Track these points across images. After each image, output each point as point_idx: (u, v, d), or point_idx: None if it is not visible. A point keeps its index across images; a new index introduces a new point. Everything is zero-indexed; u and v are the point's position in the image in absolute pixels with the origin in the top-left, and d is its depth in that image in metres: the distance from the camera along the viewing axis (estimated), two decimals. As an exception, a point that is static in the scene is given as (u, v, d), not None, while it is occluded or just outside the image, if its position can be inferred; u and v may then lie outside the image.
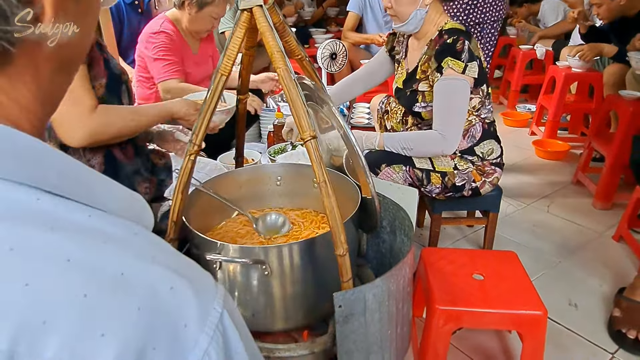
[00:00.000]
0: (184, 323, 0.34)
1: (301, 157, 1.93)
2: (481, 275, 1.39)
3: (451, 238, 2.24)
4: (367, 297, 0.98)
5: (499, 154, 1.77)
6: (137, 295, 0.33)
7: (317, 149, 0.89)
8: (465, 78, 1.60)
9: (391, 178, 1.67)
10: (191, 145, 0.99)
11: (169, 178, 1.52)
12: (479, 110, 1.71)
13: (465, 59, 1.58)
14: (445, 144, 1.64)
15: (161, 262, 0.36)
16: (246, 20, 0.94)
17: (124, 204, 0.41)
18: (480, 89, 1.67)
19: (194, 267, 0.40)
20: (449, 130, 1.63)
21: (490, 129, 1.75)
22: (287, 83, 0.90)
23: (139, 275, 0.34)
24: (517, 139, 3.43)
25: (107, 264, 0.34)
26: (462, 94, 1.62)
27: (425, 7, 1.65)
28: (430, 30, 1.69)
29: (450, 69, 1.59)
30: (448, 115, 1.63)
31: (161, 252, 0.38)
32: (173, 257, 0.38)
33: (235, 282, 1.06)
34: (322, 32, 4.43)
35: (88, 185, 0.38)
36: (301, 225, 1.30)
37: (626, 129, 2.33)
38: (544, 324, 1.26)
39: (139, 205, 0.44)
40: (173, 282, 0.35)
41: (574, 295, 1.82)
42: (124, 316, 0.32)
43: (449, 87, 1.62)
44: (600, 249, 2.15)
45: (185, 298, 0.35)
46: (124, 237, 0.36)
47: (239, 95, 1.24)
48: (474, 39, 1.63)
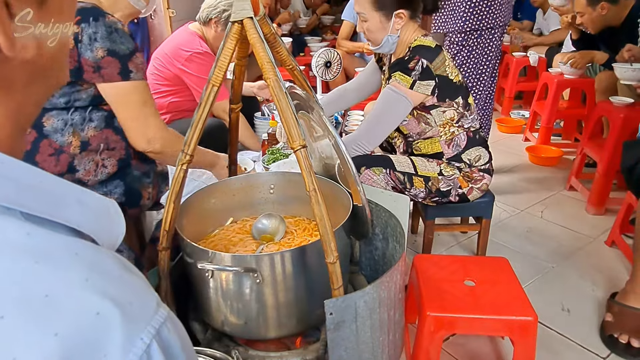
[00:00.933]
0: (103, 353, 0.33)
1: (294, 165, 1.95)
2: (472, 281, 1.40)
3: (445, 244, 2.25)
4: (358, 305, 0.99)
5: (487, 160, 1.78)
6: (57, 320, 0.32)
7: (307, 158, 0.91)
8: (408, 94, 1.62)
9: (372, 180, 1.69)
10: (183, 155, 1.00)
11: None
12: (460, 121, 1.72)
13: (415, 76, 1.61)
14: (361, 144, 1.70)
15: (94, 285, 0.34)
16: (237, 32, 0.96)
17: (90, 216, 0.40)
18: (452, 102, 1.68)
19: (137, 290, 0.38)
20: (365, 134, 1.70)
21: (475, 137, 1.77)
22: (277, 93, 0.91)
23: (64, 298, 0.33)
24: (511, 145, 3.45)
25: (33, 285, 0.32)
26: (394, 106, 1.65)
27: (396, 32, 1.68)
28: (403, 50, 1.72)
29: (395, 81, 1.63)
30: (373, 120, 1.70)
31: (99, 273, 0.36)
32: (112, 280, 0.36)
33: (228, 291, 1.07)
34: (318, 41, 4.46)
35: (52, 199, 0.37)
36: (294, 233, 1.31)
37: (617, 135, 2.36)
38: (535, 329, 1.27)
39: (108, 216, 0.43)
40: (100, 307, 0.34)
41: (566, 300, 1.83)
42: (39, 342, 0.31)
43: (385, 96, 1.67)
44: (593, 254, 2.16)
45: (110, 326, 0.33)
46: (60, 257, 0.35)
47: (231, 105, 1.25)
48: (441, 55, 1.64)
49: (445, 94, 1.66)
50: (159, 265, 1.12)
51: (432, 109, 1.68)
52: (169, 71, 2.33)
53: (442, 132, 1.73)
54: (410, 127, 1.75)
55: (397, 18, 1.65)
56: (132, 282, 0.38)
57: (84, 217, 0.39)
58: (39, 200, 0.36)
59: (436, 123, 1.71)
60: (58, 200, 0.38)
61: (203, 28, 2.33)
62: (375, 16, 1.65)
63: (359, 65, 3.62)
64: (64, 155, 1.28)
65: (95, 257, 0.37)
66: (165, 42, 2.44)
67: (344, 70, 3.39)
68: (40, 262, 0.33)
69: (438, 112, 1.69)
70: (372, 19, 1.66)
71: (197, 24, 2.36)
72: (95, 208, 0.41)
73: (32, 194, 0.36)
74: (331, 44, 4.25)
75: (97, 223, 0.40)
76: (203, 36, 2.34)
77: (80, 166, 1.29)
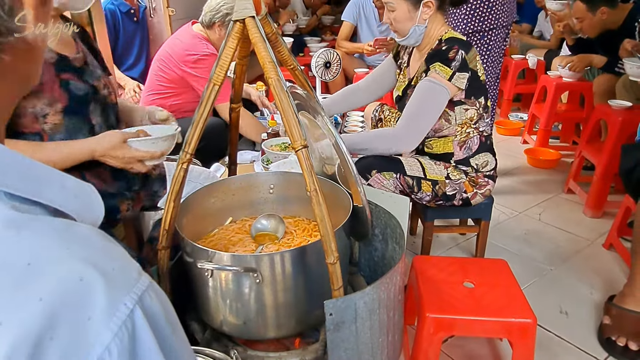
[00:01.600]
0: (87, 316, 0.34)
1: (294, 165, 1.94)
2: (472, 283, 1.40)
3: (444, 246, 2.25)
4: (358, 305, 0.99)
5: (493, 167, 1.78)
6: (41, 285, 0.33)
7: (308, 158, 0.91)
8: (448, 86, 1.59)
9: (382, 184, 1.68)
10: (183, 153, 1.00)
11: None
12: (477, 123, 1.71)
13: (454, 67, 1.58)
14: (397, 143, 1.64)
15: (76, 253, 0.36)
16: (239, 31, 0.95)
17: (72, 197, 0.42)
18: (476, 101, 1.67)
19: (118, 259, 0.39)
20: (405, 130, 1.63)
21: (487, 142, 1.76)
22: (278, 93, 0.91)
23: (47, 265, 0.34)
24: (509, 148, 3.46)
25: (16, 253, 0.34)
26: (436, 99, 1.61)
27: (424, 22, 1.65)
28: (430, 42, 1.70)
29: (435, 73, 1.59)
30: (412, 115, 1.62)
31: (81, 244, 0.37)
32: (94, 250, 0.38)
33: (227, 290, 1.07)
34: (317, 41, 4.46)
35: (38, 181, 0.39)
36: (293, 233, 1.30)
37: (616, 138, 2.36)
38: (534, 331, 1.27)
39: (88, 197, 0.45)
40: (83, 273, 0.35)
41: (564, 303, 1.84)
42: (24, 306, 0.32)
43: (426, 88, 1.61)
44: (591, 257, 2.16)
45: (94, 291, 0.35)
46: (42, 229, 0.36)
47: (232, 104, 1.25)
48: (473, 49, 1.63)
49: (472, 91, 1.64)
50: (158, 265, 1.11)
51: (457, 105, 1.66)
52: (175, 73, 2.33)
53: (459, 131, 1.71)
54: None
55: (425, 7, 1.63)
56: (114, 251, 0.40)
57: (66, 198, 0.41)
58: (25, 182, 0.38)
59: (456, 121, 1.69)
60: (43, 183, 0.40)
61: (207, 31, 2.34)
62: (403, 5, 1.63)
63: (359, 66, 3.62)
64: None
65: (77, 229, 0.39)
66: (168, 44, 2.43)
67: (344, 71, 3.38)
68: (22, 232, 0.35)
69: (461, 110, 1.68)
70: (399, 8, 1.64)
71: (199, 26, 2.36)
72: (76, 190, 0.43)
73: (18, 177, 0.38)
74: (330, 44, 4.24)
75: (78, 203, 0.42)
76: (208, 38, 2.34)
77: None
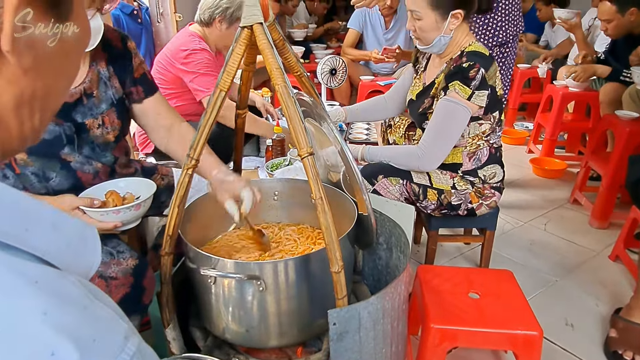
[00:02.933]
0: None
1: (299, 173, 1.94)
2: (477, 294, 1.38)
3: (448, 255, 2.23)
4: (362, 315, 0.98)
5: (501, 179, 1.76)
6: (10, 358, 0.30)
7: (314, 166, 0.90)
8: (468, 105, 1.57)
9: (387, 190, 1.67)
10: (189, 159, 1.00)
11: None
12: (489, 136, 1.69)
13: (474, 86, 1.55)
14: (421, 162, 1.64)
15: (53, 319, 0.32)
16: (246, 37, 0.95)
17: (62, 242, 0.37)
18: (491, 115, 1.65)
19: (103, 324, 0.35)
20: (430, 150, 1.62)
21: (497, 154, 1.74)
22: (285, 99, 0.90)
23: (19, 334, 0.30)
24: (514, 157, 3.44)
25: None
26: (458, 119, 1.59)
27: (449, 32, 1.62)
28: (453, 50, 1.67)
29: (455, 92, 1.56)
30: (435, 135, 1.62)
31: (60, 305, 0.33)
32: (75, 313, 0.34)
33: (230, 297, 1.06)
34: (323, 48, 4.47)
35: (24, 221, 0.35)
36: (297, 241, 1.30)
37: (623, 149, 2.35)
38: (540, 344, 1.25)
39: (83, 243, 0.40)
40: (57, 346, 0.31)
41: (570, 315, 1.81)
42: None
43: (448, 109, 1.59)
44: (597, 268, 2.14)
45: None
46: (18, 286, 0.32)
47: (237, 110, 1.25)
48: (494, 65, 1.60)
49: (490, 107, 1.62)
50: (161, 271, 1.10)
51: (472, 120, 1.64)
52: (170, 73, 2.33)
53: (469, 143, 1.69)
54: None
55: (453, 18, 1.59)
56: (97, 315, 0.35)
57: (54, 244, 0.37)
58: (8, 222, 0.34)
59: (468, 134, 1.67)
60: (30, 222, 0.35)
61: (205, 29, 2.33)
62: (431, 15, 1.59)
63: (364, 74, 3.62)
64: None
65: (58, 285, 0.34)
66: (167, 45, 2.44)
67: (349, 78, 3.39)
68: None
69: (475, 125, 1.65)
70: (426, 17, 1.59)
71: (197, 26, 2.35)
72: (69, 234, 0.38)
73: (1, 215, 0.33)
74: (336, 51, 4.25)
75: (68, 253, 0.38)
76: (203, 36, 2.33)
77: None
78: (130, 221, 1.16)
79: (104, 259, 1.11)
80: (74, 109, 1.18)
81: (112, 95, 1.26)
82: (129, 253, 1.14)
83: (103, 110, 1.23)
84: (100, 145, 1.25)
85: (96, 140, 1.23)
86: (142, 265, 1.14)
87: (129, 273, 1.11)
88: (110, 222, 1.12)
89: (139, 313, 1.18)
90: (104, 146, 1.25)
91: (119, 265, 1.11)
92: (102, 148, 1.25)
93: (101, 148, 1.25)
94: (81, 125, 1.19)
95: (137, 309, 1.16)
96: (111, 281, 1.09)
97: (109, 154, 1.28)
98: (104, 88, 1.23)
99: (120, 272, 1.10)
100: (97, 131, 1.22)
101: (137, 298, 1.14)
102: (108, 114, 1.24)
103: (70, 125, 1.17)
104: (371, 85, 3.42)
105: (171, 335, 1.14)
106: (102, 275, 1.10)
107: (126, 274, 1.11)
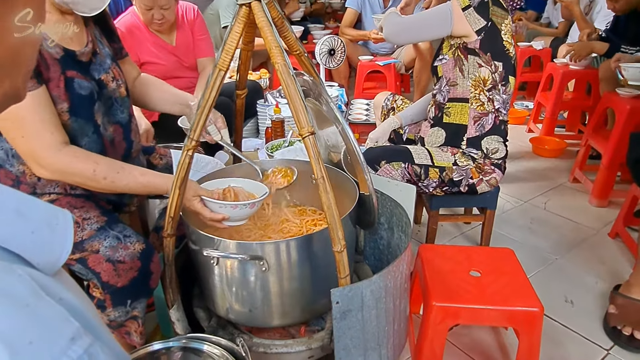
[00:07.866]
0: None
1: (299, 153, 1.93)
2: (478, 272, 1.39)
3: (449, 235, 2.24)
4: (365, 294, 0.98)
5: (503, 156, 1.76)
6: None
7: (315, 145, 0.89)
8: (455, 18, 1.61)
9: (390, 175, 1.67)
10: (189, 140, 0.99)
11: None
12: (491, 92, 1.69)
13: (473, 2, 1.60)
14: (393, 24, 1.77)
15: None
16: (245, 15, 0.94)
17: (26, 229, 0.36)
18: (493, 62, 1.66)
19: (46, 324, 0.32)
20: (399, 24, 1.76)
21: (501, 127, 1.74)
22: (285, 78, 0.89)
23: None
24: (514, 136, 3.41)
25: None
26: (437, 20, 1.66)
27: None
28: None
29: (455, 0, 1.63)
30: (413, 19, 1.78)
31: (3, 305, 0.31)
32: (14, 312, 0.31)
33: (233, 278, 1.06)
34: (320, 28, 4.42)
35: None
36: (299, 222, 1.30)
37: (623, 126, 2.34)
38: (540, 320, 1.26)
39: (52, 229, 0.38)
40: None
41: (570, 292, 1.83)
42: None
43: (440, 8, 1.67)
44: (597, 246, 2.15)
45: None
46: None
47: (237, 91, 1.23)
48: (508, 17, 1.63)
49: (490, 47, 1.63)
50: (164, 252, 1.11)
51: (471, 54, 1.66)
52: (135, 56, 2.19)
53: (472, 94, 1.69)
54: (445, 68, 1.73)
55: None
56: (40, 314, 0.32)
57: (17, 231, 0.35)
58: None
59: (468, 75, 1.68)
60: None
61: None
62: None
63: (363, 54, 3.58)
64: (24, 186, 1.18)
65: (2, 281, 0.32)
66: None
67: (348, 59, 3.35)
68: None
69: (474, 63, 1.67)
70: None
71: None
72: (35, 220, 0.37)
73: None
74: (334, 31, 4.20)
75: (33, 238, 0.36)
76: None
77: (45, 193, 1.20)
78: (240, 218, 1.16)
79: (112, 243, 1.11)
80: (91, 67, 1.22)
81: (108, 51, 1.31)
82: (135, 237, 1.14)
83: (109, 65, 1.27)
84: (118, 100, 1.29)
85: (113, 94, 1.27)
86: (149, 249, 1.14)
87: (136, 257, 1.11)
88: (221, 214, 1.12)
89: (146, 296, 1.18)
90: (121, 101, 1.30)
91: (126, 249, 1.11)
92: (120, 103, 1.30)
93: (119, 103, 1.29)
94: (99, 82, 1.24)
95: (144, 292, 1.17)
96: (119, 265, 1.09)
97: (126, 111, 1.33)
98: (101, 46, 1.28)
99: (128, 256, 1.11)
100: (112, 84, 1.27)
101: (145, 282, 1.14)
102: (113, 67, 1.29)
103: (93, 82, 1.22)
104: (370, 65, 3.38)
105: (175, 316, 1.15)
106: (109, 259, 1.10)
107: (133, 258, 1.11)
